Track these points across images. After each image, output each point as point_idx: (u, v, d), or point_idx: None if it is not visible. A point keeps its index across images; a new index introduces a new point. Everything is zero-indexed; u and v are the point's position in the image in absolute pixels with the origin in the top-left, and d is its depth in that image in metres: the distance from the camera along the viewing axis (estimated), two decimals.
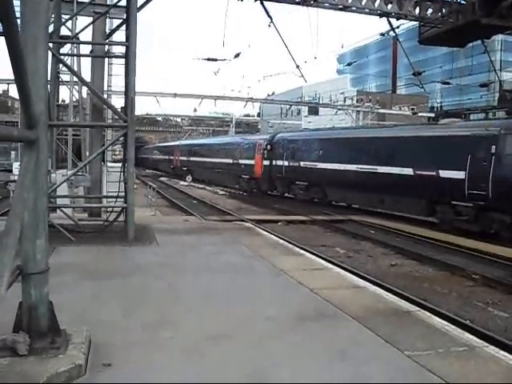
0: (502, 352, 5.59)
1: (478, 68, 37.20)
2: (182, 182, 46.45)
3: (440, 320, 6.77)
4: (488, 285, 11.44)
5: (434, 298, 10.06)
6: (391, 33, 20.89)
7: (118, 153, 35.43)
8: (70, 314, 5.62)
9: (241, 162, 37.51)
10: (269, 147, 33.32)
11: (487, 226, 17.14)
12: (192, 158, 51.55)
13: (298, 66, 21.07)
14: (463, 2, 14.05)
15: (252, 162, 35.13)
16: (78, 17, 17.30)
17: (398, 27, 19.22)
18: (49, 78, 11.83)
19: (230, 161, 39.45)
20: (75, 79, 20.52)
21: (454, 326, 6.50)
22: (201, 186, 42.51)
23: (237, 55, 30.32)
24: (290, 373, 4.86)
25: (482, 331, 7.61)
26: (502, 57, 66.12)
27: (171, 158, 60.63)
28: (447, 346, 5.65)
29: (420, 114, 50.90)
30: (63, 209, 13.54)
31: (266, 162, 33.34)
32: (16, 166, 24.49)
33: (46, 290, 4.84)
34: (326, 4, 17.07)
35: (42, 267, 4.81)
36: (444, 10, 16.15)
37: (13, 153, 36.99)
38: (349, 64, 61.91)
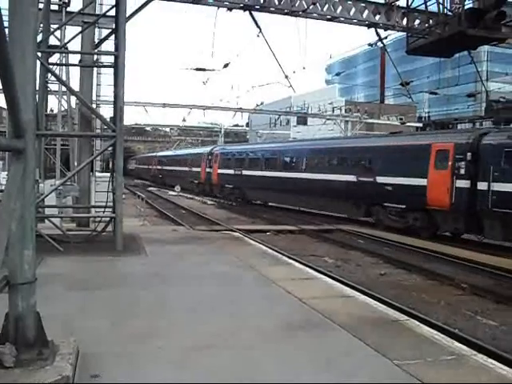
0: (490, 360, 5.62)
1: (465, 78, 37.53)
2: (170, 192, 46.34)
3: (429, 329, 6.79)
4: (476, 294, 11.47)
5: (422, 307, 10.08)
6: (379, 43, 20.99)
7: None
8: (57, 324, 5.57)
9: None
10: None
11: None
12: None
13: (286, 76, 21.11)
14: (450, 13, 14.18)
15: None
16: (66, 26, 17.30)
17: (385, 38, 19.36)
18: (37, 88, 11.82)
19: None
20: (64, 89, 20.43)
21: (442, 335, 6.52)
22: (189, 195, 42.46)
23: (226, 65, 30.26)
24: (276, 381, 4.85)
25: (470, 340, 7.62)
26: (488, 67, 66.81)
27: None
28: (436, 354, 5.67)
29: (408, 124, 51.20)
30: (51, 219, 13.46)
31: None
32: (3, 175, 24.30)
33: (33, 300, 4.80)
34: (315, 14, 17.16)
35: (29, 278, 4.77)
36: (431, 21, 16.30)
37: (0, 162, 36.71)
38: (337, 74, 62.51)
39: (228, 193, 37.12)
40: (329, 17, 17.34)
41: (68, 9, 16.71)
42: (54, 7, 16.45)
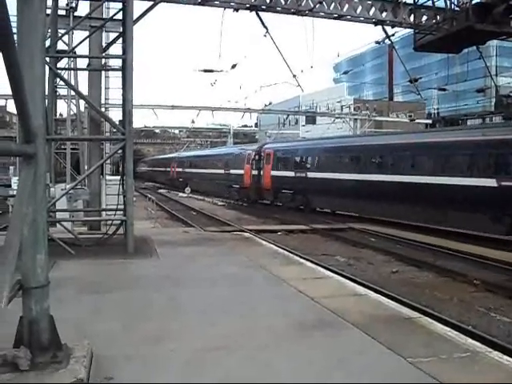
0: (505, 357, 5.57)
1: (474, 74, 37.29)
2: (181, 194, 46.44)
3: (442, 326, 6.76)
4: (489, 290, 11.42)
5: (435, 304, 10.05)
6: (387, 41, 20.94)
7: None
8: (70, 327, 5.59)
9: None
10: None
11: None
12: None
13: (294, 76, 21.07)
14: (457, 8, 14.10)
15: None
16: (74, 31, 17.37)
17: (393, 35, 19.27)
18: (46, 93, 11.88)
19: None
20: (72, 93, 20.51)
21: (456, 332, 6.48)
22: (200, 197, 42.50)
23: (233, 66, 30.30)
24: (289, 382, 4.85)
25: (484, 336, 7.58)
26: (497, 62, 66.42)
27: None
28: (450, 352, 5.63)
29: (417, 121, 50.98)
30: (63, 223, 13.54)
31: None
32: (15, 180, 24.43)
33: (46, 304, 4.82)
34: (321, 13, 17.12)
35: (42, 281, 4.80)
36: (438, 17, 16.20)
37: (11, 168, 36.93)
38: (345, 72, 62.22)
39: (286, 200, 30.70)
40: (335, 15, 17.29)
41: (75, 13, 16.81)
42: (62, 12, 16.54)
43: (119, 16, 13.38)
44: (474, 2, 13.55)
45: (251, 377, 4.95)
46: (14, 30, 3.94)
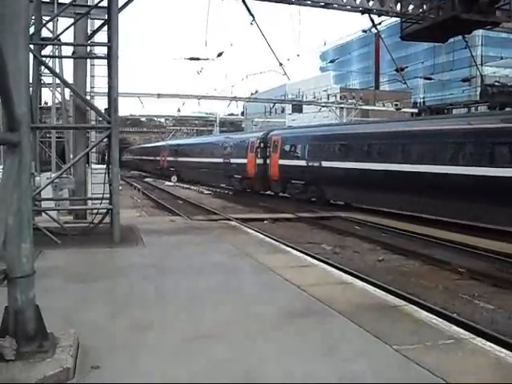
0: (488, 343, 5.64)
1: (460, 63, 37.50)
2: (167, 183, 46.32)
3: (427, 314, 6.82)
4: (474, 278, 11.54)
5: (421, 292, 10.15)
6: (373, 29, 20.94)
7: None
8: (57, 317, 5.57)
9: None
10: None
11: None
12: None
13: (281, 64, 21.12)
14: None
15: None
16: (59, 18, 17.17)
17: (379, 23, 19.29)
18: (30, 81, 11.76)
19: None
20: (57, 81, 20.33)
21: (441, 319, 6.55)
22: (186, 186, 42.40)
23: (219, 54, 30.25)
24: (277, 370, 4.86)
25: (469, 323, 7.68)
26: (482, 52, 66.64)
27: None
28: (435, 338, 5.69)
29: (403, 110, 51.12)
30: (48, 212, 13.44)
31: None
32: None
33: (32, 293, 4.80)
34: (308, 1, 17.07)
35: (28, 271, 4.77)
36: (425, 7, 16.24)
37: None
38: (332, 61, 62.30)
39: (297, 191, 28.12)
40: (322, 3, 17.24)
41: (60, 0, 16.58)
42: None
43: (104, 3, 13.22)
44: None
45: (240, 364, 4.97)
46: None
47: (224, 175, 37.91)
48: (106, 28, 13.16)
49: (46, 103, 28.46)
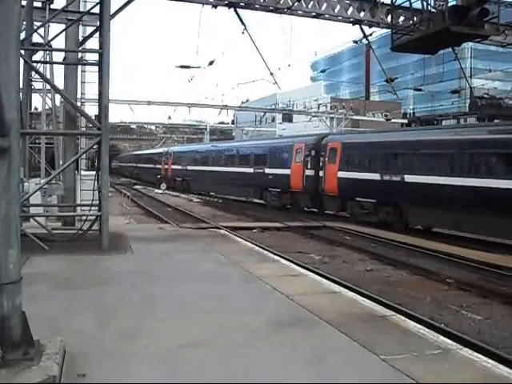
0: (475, 354, 5.68)
1: (449, 75, 37.72)
2: (156, 190, 46.18)
3: (415, 324, 6.84)
4: (462, 288, 11.58)
5: (409, 302, 10.16)
6: (364, 40, 21.06)
7: None
8: (43, 324, 5.53)
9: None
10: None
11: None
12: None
13: (271, 74, 21.07)
14: (434, 10, 14.24)
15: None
16: (50, 24, 17.15)
17: (370, 34, 19.45)
18: (21, 86, 11.71)
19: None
20: (48, 87, 20.28)
21: (428, 330, 6.58)
22: (175, 193, 42.28)
23: (211, 63, 30.23)
24: (264, 379, 4.85)
25: (456, 334, 7.70)
26: (471, 64, 67.19)
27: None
28: (422, 349, 5.71)
29: (393, 121, 51.42)
30: (36, 218, 13.35)
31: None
32: None
33: (18, 300, 4.76)
34: (300, 11, 17.16)
35: (15, 277, 4.73)
36: (415, 18, 16.33)
37: None
38: (323, 71, 62.43)
39: (365, 211, 22.33)
40: (313, 14, 17.34)
41: (52, 6, 16.54)
42: (38, 4, 16.27)
43: (96, 10, 13.21)
44: (449, 5, 13.71)
45: (227, 373, 4.95)
46: None
47: (254, 188, 31.45)
48: (97, 35, 13.17)
49: (36, 109, 28.36)
